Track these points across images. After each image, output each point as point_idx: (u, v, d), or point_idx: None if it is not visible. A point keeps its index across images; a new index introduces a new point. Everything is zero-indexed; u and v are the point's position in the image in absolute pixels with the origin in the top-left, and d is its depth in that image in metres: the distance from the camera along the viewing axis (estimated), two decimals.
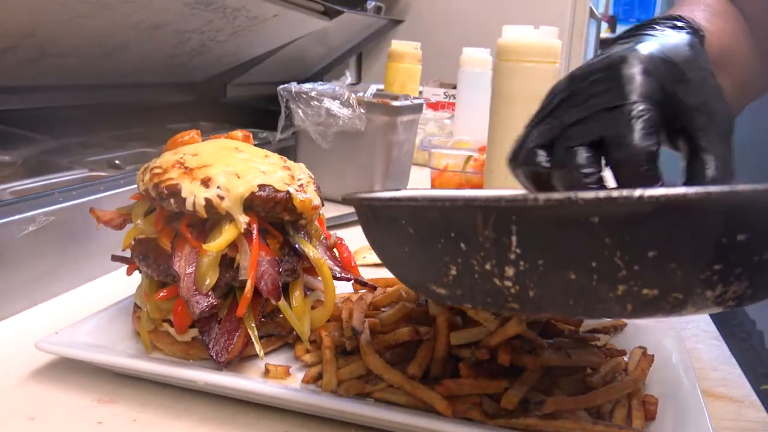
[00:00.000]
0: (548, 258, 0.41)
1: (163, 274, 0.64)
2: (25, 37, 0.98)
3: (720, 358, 0.74)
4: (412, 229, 0.46)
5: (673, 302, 0.40)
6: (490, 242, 0.42)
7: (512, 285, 0.42)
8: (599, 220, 0.38)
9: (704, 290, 0.40)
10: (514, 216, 0.40)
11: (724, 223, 0.38)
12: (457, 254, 0.44)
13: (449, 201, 0.44)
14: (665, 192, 0.37)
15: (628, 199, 0.37)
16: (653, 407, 0.58)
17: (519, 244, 0.41)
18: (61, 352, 0.62)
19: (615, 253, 0.39)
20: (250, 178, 0.63)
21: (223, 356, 0.61)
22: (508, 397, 0.54)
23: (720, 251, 0.38)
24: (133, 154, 1.24)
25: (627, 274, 0.39)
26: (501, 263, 0.42)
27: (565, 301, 0.42)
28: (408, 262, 0.50)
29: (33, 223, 0.75)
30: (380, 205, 0.51)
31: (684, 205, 0.38)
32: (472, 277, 0.44)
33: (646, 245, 0.38)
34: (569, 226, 0.39)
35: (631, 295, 0.40)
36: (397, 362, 0.60)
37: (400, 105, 1.28)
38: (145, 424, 0.56)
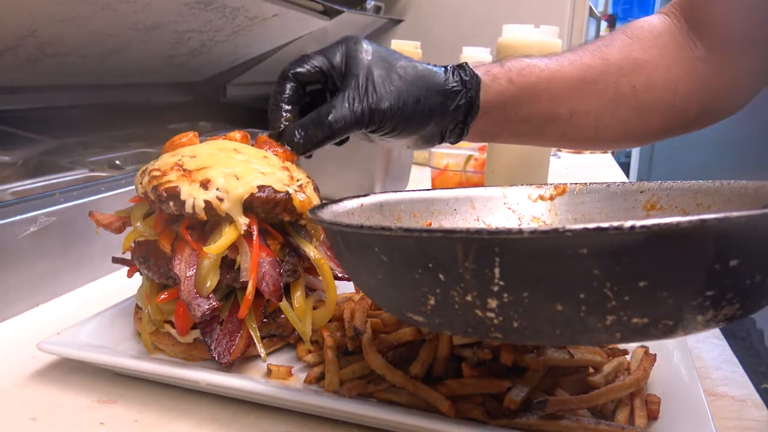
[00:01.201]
0: (534, 290, 0.39)
1: (163, 277, 0.64)
2: (25, 38, 0.98)
3: (722, 357, 0.74)
4: (386, 258, 0.44)
5: (663, 328, 0.39)
6: (471, 274, 0.40)
7: (495, 316, 0.41)
8: (588, 251, 0.37)
9: (695, 315, 0.39)
10: (497, 248, 0.39)
11: (717, 249, 0.37)
12: (436, 285, 0.42)
13: (426, 232, 0.42)
14: (658, 222, 0.36)
15: (619, 229, 0.36)
16: (656, 407, 0.58)
17: (502, 276, 0.39)
18: (63, 353, 0.62)
19: (604, 284, 0.38)
20: (249, 180, 0.63)
21: (225, 357, 0.61)
22: (510, 397, 0.54)
23: (712, 278, 0.38)
24: (133, 154, 1.24)
25: (617, 305, 0.38)
26: (483, 295, 0.41)
27: (551, 332, 0.41)
28: (382, 289, 0.48)
29: (34, 224, 0.75)
30: (351, 233, 0.48)
31: (677, 234, 0.36)
32: (452, 308, 0.43)
33: (636, 275, 0.37)
34: (556, 257, 0.38)
35: (621, 324, 0.39)
36: (399, 362, 0.60)
37: None
38: (147, 424, 0.56)
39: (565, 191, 0.73)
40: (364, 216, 0.65)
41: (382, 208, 0.67)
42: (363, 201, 0.66)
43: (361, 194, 0.67)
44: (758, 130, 3.95)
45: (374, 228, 0.45)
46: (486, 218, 0.73)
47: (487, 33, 1.85)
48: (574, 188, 0.73)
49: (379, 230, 0.45)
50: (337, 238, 0.50)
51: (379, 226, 0.46)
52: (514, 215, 0.73)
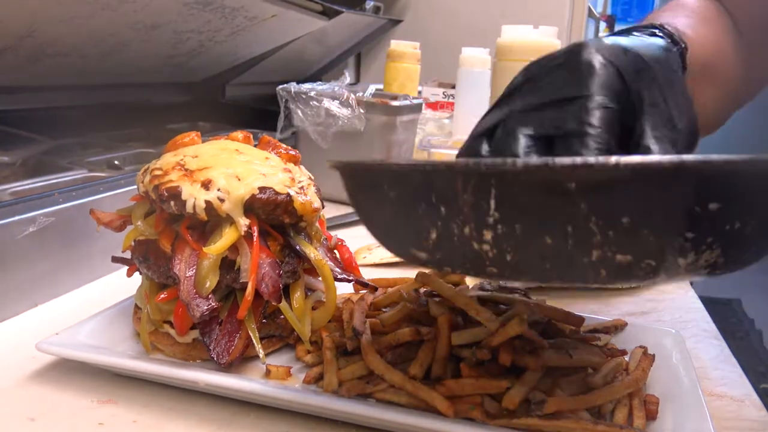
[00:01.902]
0: (525, 222, 0.41)
1: (163, 276, 0.64)
2: (24, 38, 0.98)
3: (720, 357, 0.74)
4: (393, 194, 0.47)
5: (646, 268, 0.41)
6: (469, 206, 0.42)
7: (490, 249, 0.43)
8: (575, 186, 0.39)
9: (676, 258, 0.40)
10: (493, 180, 0.41)
11: (697, 191, 0.38)
12: (438, 218, 0.45)
13: (431, 165, 0.45)
14: (641, 159, 0.38)
15: (604, 165, 0.38)
16: (654, 407, 0.58)
17: (497, 207, 0.41)
18: (62, 353, 0.62)
19: (590, 219, 0.39)
20: (250, 181, 0.63)
21: (224, 358, 0.61)
22: (509, 397, 0.54)
23: (692, 219, 0.39)
24: (133, 155, 1.24)
25: (601, 240, 0.40)
26: (479, 227, 0.43)
27: (541, 266, 0.42)
28: (390, 226, 0.51)
29: (33, 224, 0.75)
30: (363, 168, 0.52)
31: (658, 172, 0.38)
32: (451, 241, 0.45)
33: (620, 211, 0.39)
34: (546, 191, 0.40)
35: (605, 261, 0.41)
36: (398, 362, 0.60)
37: (399, 105, 1.28)
38: (146, 425, 0.56)
39: None
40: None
41: None
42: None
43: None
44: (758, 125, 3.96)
45: (384, 163, 0.49)
46: None
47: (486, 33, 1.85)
48: None
49: (388, 165, 0.50)
50: (353, 177, 0.52)
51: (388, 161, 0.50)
52: None
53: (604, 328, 0.72)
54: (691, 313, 0.86)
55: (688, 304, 0.89)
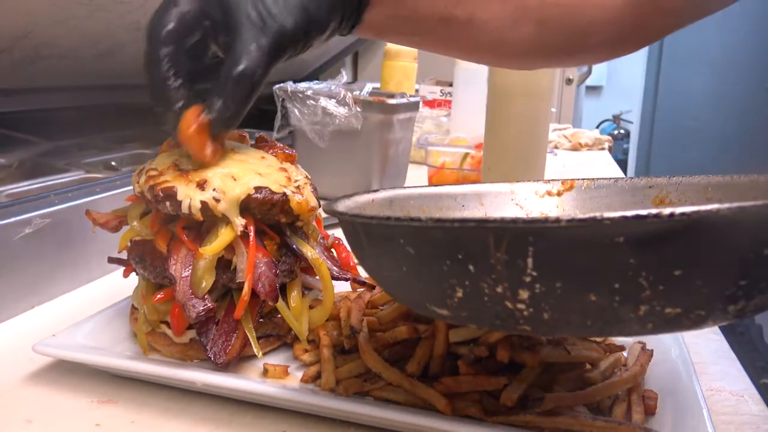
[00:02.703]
0: (567, 280, 0.39)
1: (159, 277, 0.64)
2: (20, 39, 0.97)
3: (719, 352, 0.74)
4: (412, 250, 0.43)
5: (696, 318, 0.39)
6: (502, 264, 0.39)
7: (525, 308, 0.40)
8: (624, 240, 0.36)
9: (726, 305, 0.39)
10: (532, 237, 0.38)
11: (753, 237, 0.37)
12: (465, 276, 0.41)
13: (459, 222, 0.41)
14: (697, 209, 0.35)
15: (658, 217, 0.35)
16: (653, 402, 0.58)
17: (535, 266, 0.38)
18: (59, 355, 0.62)
19: (640, 274, 0.37)
20: (246, 180, 0.63)
21: (221, 357, 0.61)
22: (507, 394, 0.54)
23: (746, 266, 0.37)
24: (130, 156, 1.24)
25: (651, 294, 0.38)
26: (514, 286, 0.40)
27: (582, 323, 0.40)
28: (406, 282, 0.47)
29: (29, 226, 0.75)
30: (376, 224, 0.47)
31: (715, 221, 0.36)
32: (480, 300, 0.42)
33: (672, 264, 0.37)
34: (592, 246, 0.37)
35: (654, 315, 0.39)
36: (395, 360, 0.60)
37: (396, 103, 1.28)
38: (144, 425, 0.56)
39: (573, 187, 0.72)
40: (375, 211, 0.64)
41: (392, 204, 0.67)
42: (374, 196, 0.65)
43: (369, 190, 0.66)
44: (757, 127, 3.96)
45: (402, 219, 0.44)
46: (494, 214, 0.72)
47: None
48: (581, 184, 0.72)
49: (407, 221, 0.44)
50: (358, 230, 0.49)
51: (407, 216, 0.45)
52: (522, 211, 0.73)
53: None
54: None
55: None
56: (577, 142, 2.32)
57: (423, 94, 2.07)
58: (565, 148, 2.31)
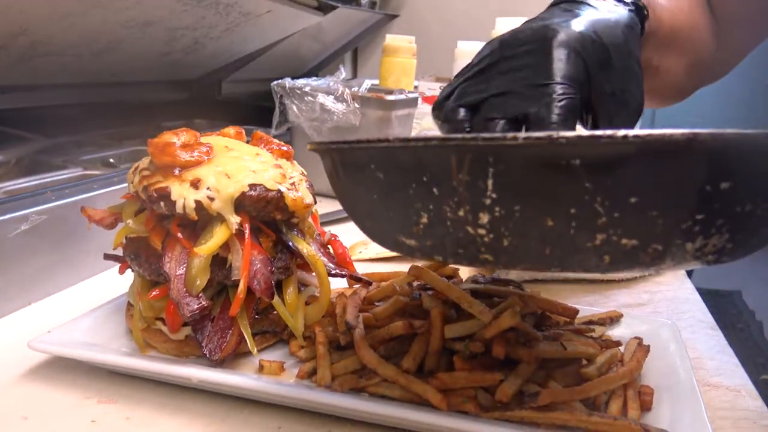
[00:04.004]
0: (525, 203, 0.39)
1: (154, 274, 0.63)
2: (16, 36, 0.97)
3: (716, 347, 0.74)
4: (381, 174, 0.44)
5: (652, 254, 0.39)
6: (464, 186, 0.40)
7: (486, 233, 0.41)
8: (580, 162, 0.37)
9: (684, 242, 0.39)
10: (491, 157, 0.38)
11: (709, 168, 0.37)
12: (429, 200, 0.42)
13: (423, 140, 0.42)
14: (651, 132, 0.36)
15: (612, 138, 0.36)
16: (649, 398, 0.58)
17: (495, 188, 0.39)
18: (54, 351, 0.62)
19: (595, 199, 0.37)
20: (240, 178, 0.62)
21: (216, 354, 0.61)
22: (502, 390, 0.54)
23: (703, 199, 0.37)
24: (128, 153, 1.24)
25: (607, 222, 0.38)
26: (475, 209, 0.40)
27: (540, 251, 0.40)
28: (376, 211, 0.48)
29: (25, 222, 0.75)
30: (348, 149, 0.48)
31: (669, 146, 0.36)
32: (443, 225, 0.42)
33: (627, 191, 0.37)
34: (548, 168, 0.38)
35: (610, 245, 0.39)
36: (391, 356, 0.60)
37: (395, 99, 1.28)
38: (139, 422, 0.56)
39: None
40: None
41: None
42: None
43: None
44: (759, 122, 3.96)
45: (372, 141, 0.45)
46: None
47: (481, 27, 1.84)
48: None
49: (376, 142, 0.44)
50: (334, 159, 0.50)
51: (376, 138, 0.46)
52: None
53: (600, 320, 0.71)
54: (687, 304, 0.86)
55: (684, 295, 0.88)
56: None
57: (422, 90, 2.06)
58: None
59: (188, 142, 0.63)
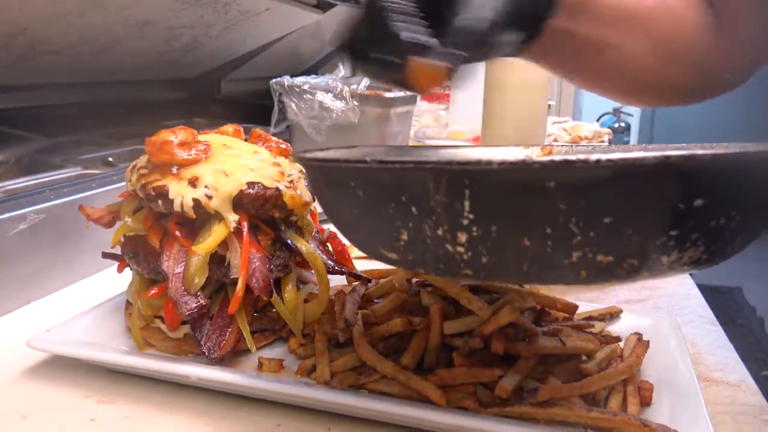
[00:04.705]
0: (502, 224, 0.40)
1: (153, 272, 0.63)
2: (16, 36, 0.97)
3: (717, 342, 0.73)
4: (361, 192, 0.45)
5: (628, 268, 0.40)
6: (441, 207, 0.41)
7: (465, 251, 0.42)
8: (555, 185, 0.37)
9: (660, 256, 0.39)
10: (467, 180, 0.39)
11: (682, 188, 0.37)
12: (409, 219, 0.43)
13: (399, 163, 0.43)
14: (623, 156, 0.36)
15: (585, 163, 0.36)
16: (648, 393, 0.57)
17: (472, 209, 0.40)
18: (53, 350, 0.62)
19: (570, 219, 0.38)
20: (238, 176, 0.62)
21: (215, 352, 0.61)
22: (502, 386, 0.54)
23: (677, 217, 0.38)
24: (127, 152, 1.24)
25: (582, 241, 0.38)
26: (453, 229, 0.41)
27: (518, 268, 0.41)
28: (358, 225, 0.49)
29: (24, 221, 0.75)
30: (329, 167, 0.49)
31: (642, 169, 0.37)
32: (423, 243, 0.43)
33: (601, 211, 0.38)
34: (524, 190, 0.38)
35: (586, 262, 0.39)
36: (390, 353, 0.60)
37: (393, 97, 1.28)
38: (139, 420, 0.56)
39: (551, 152, 0.73)
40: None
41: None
42: (348, 152, 0.65)
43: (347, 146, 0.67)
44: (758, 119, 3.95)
45: (351, 161, 0.46)
46: None
47: None
48: (560, 150, 0.73)
49: (354, 163, 0.46)
50: (317, 174, 0.51)
51: (354, 158, 0.47)
52: None
53: (599, 316, 0.71)
54: (687, 299, 0.85)
55: (684, 290, 0.88)
56: (577, 135, 2.31)
57: None
58: (565, 140, 2.31)
59: (186, 141, 0.63)
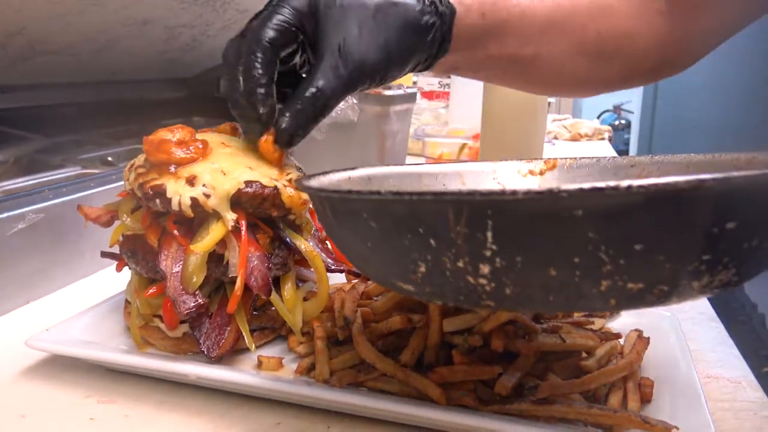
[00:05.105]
0: (527, 254, 0.38)
1: (151, 271, 0.63)
2: (14, 36, 0.97)
3: (717, 339, 0.73)
4: (375, 224, 0.43)
5: (659, 294, 0.38)
6: (462, 238, 0.39)
7: (487, 282, 0.40)
8: (583, 213, 0.36)
9: (691, 281, 0.38)
10: (490, 210, 0.37)
11: (716, 211, 0.36)
12: (427, 251, 0.41)
13: (417, 195, 0.40)
14: (655, 182, 0.34)
15: (616, 189, 0.34)
16: (649, 390, 0.57)
17: (495, 240, 0.38)
18: (52, 349, 0.61)
19: (600, 248, 0.36)
20: (236, 175, 0.62)
21: (214, 351, 0.61)
22: (501, 383, 0.53)
23: (710, 241, 0.36)
24: (126, 151, 1.24)
25: (612, 269, 0.37)
26: (475, 260, 0.39)
27: (544, 298, 0.40)
28: (371, 257, 0.46)
29: (23, 221, 0.75)
30: (338, 198, 0.46)
31: (675, 194, 0.35)
32: (442, 275, 0.41)
33: (633, 238, 0.36)
34: (550, 219, 0.37)
35: (616, 290, 0.38)
36: (389, 351, 0.60)
37: (393, 95, 1.27)
38: (138, 419, 0.56)
39: (555, 166, 0.72)
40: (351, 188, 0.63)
41: (370, 181, 0.66)
42: (351, 174, 0.64)
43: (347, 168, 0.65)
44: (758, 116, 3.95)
45: (363, 192, 0.43)
46: None
47: None
48: (564, 163, 0.72)
49: (368, 195, 0.44)
50: (324, 205, 0.48)
51: (367, 190, 0.45)
52: None
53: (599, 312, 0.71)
54: None
55: None
56: (577, 132, 2.31)
57: (421, 85, 2.07)
58: (565, 138, 2.31)
59: (184, 139, 0.63)
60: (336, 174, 0.62)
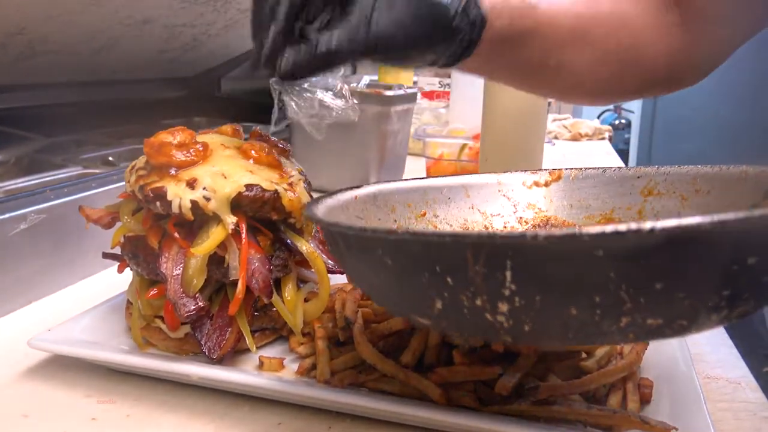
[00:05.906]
0: (546, 294, 0.38)
1: (152, 273, 0.63)
2: (14, 35, 0.97)
3: (717, 339, 0.74)
4: (390, 261, 0.43)
5: (677, 328, 0.38)
6: (481, 277, 0.38)
7: (506, 320, 0.40)
8: (604, 253, 0.35)
9: (710, 314, 0.38)
10: (510, 251, 0.37)
11: (736, 249, 0.36)
12: (444, 288, 0.40)
13: (435, 236, 0.40)
14: (678, 223, 0.34)
15: (637, 232, 0.34)
16: (648, 390, 0.57)
17: (514, 279, 0.38)
18: (54, 349, 0.62)
19: (620, 287, 0.36)
20: (236, 178, 0.62)
21: (215, 352, 0.61)
22: (502, 384, 0.54)
23: (730, 277, 0.36)
24: (127, 151, 1.24)
25: (632, 307, 0.37)
26: (494, 299, 0.39)
27: (563, 335, 0.40)
28: (385, 291, 0.46)
29: (24, 221, 0.75)
30: (353, 235, 0.46)
31: (697, 234, 0.35)
32: (460, 312, 0.41)
33: (653, 277, 0.36)
34: (570, 260, 0.36)
35: (635, 326, 0.38)
36: (390, 351, 0.60)
37: (393, 95, 1.28)
38: (139, 419, 0.56)
39: (561, 177, 0.72)
40: (359, 208, 0.63)
41: (376, 199, 0.66)
42: (357, 193, 0.64)
43: (353, 186, 0.65)
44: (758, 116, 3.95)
45: (378, 231, 0.43)
46: (481, 206, 0.72)
47: None
48: (569, 174, 0.72)
49: (383, 233, 0.43)
50: (337, 239, 0.48)
51: (384, 228, 0.44)
52: (509, 202, 0.72)
53: None
54: None
55: None
56: (577, 132, 2.31)
57: (421, 85, 2.07)
58: (565, 138, 2.31)
59: (184, 142, 0.63)
60: (342, 194, 0.62)
